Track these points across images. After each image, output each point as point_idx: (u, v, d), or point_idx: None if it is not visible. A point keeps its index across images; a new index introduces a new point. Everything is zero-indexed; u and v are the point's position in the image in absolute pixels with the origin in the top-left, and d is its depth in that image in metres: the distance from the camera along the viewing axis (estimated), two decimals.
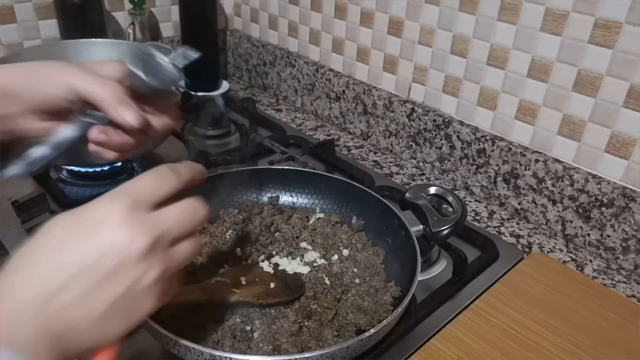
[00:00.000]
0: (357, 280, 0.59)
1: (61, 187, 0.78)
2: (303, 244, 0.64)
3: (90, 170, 0.80)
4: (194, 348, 0.43)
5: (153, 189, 0.34)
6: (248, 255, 0.62)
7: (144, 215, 0.32)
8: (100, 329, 0.31)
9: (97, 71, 0.42)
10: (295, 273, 0.60)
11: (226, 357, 0.43)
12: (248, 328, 0.51)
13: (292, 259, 0.62)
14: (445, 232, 0.60)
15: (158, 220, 0.33)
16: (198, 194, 0.39)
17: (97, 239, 0.31)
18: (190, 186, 0.37)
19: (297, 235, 0.65)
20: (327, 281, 0.58)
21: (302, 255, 0.62)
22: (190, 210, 0.35)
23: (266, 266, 0.60)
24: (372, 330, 0.47)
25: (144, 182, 0.34)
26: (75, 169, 0.80)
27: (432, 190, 0.65)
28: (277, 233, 0.65)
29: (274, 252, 0.63)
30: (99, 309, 0.31)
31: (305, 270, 0.60)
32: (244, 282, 0.55)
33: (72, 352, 0.31)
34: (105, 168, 0.80)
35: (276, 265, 0.61)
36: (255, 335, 0.51)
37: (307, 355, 0.43)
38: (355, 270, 0.60)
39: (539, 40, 0.71)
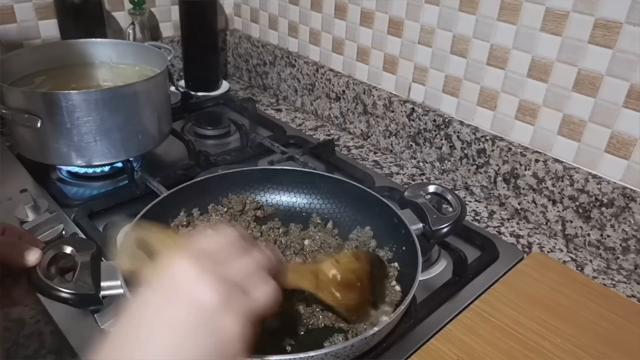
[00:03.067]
0: None
1: (61, 187, 0.78)
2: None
3: (90, 170, 0.80)
4: None
5: (217, 242, 0.37)
6: None
7: (213, 265, 0.34)
8: None
9: None
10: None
11: None
12: None
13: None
14: (445, 230, 0.60)
15: (229, 266, 0.35)
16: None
17: (174, 299, 0.33)
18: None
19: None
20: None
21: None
22: (263, 254, 0.38)
23: None
24: (376, 328, 0.47)
25: (208, 238, 0.37)
26: (75, 169, 0.80)
27: (431, 188, 0.65)
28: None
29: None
30: (194, 357, 0.32)
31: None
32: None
33: None
34: (106, 168, 0.81)
35: None
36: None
37: (311, 354, 0.43)
38: None
39: (539, 40, 0.71)
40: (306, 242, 0.63)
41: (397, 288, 0.57)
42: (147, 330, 0.32)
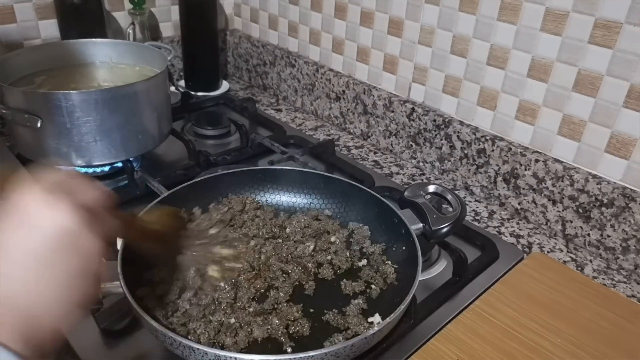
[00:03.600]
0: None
1: None
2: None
3: (90, 170, 0.80)
4: (197, 348, 0.43)
5: (57, 176, 0.37)
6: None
7: (59, 194, 0.35)
8: (63, 298, 0.34)
9: None
10: None
11: (230, 357, 0.43)
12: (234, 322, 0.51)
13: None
14: (445, 229, 0.60)
15: (75, 195, 0.36)
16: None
17: (30, 225, 0.33)
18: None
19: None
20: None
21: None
22: (99, 189, 0.39)
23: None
24: (376, 328, 0.47)
25: (49, 173, 0.38)
26: (75, 169, 0.80)
27: (431, 188, 0.65)
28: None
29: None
30: (57, 280, 0.34)
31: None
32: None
33: (43, 335, 0.33)
34: (106, 168, 0.81)
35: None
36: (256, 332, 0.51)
37: (311, 353, 0.43)
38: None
39: (539, 40, 0.71)
40: (287, 230, 0.64)
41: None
42: (3, 258, 0.33)
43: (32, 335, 0.32)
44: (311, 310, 0.55)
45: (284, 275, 0.58)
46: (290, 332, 0.52)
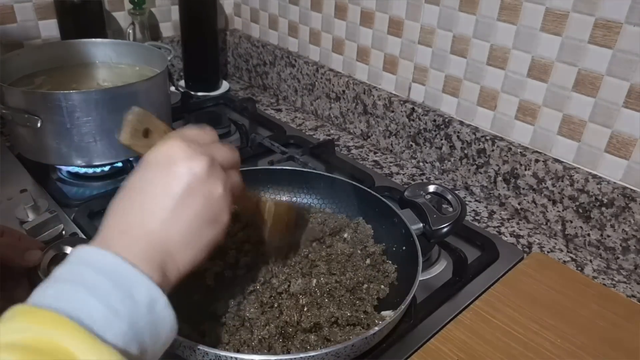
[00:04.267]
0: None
1: (61, 187, 0.78)
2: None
3: (90, 170, 0.80)
4: (198, 348, 0.43)
5: (198, 134, 0.43)
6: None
7: (198, 147, 0.40)
8: (192, 238, 0.39)
9: None
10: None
11: (231, 357, 0.43)
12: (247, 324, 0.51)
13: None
14: (445, 229, 0.60)
15: (210, 149, 0.41)
16: None
17: (171, 170, 0.39)
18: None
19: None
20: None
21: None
22: (229, 149, 0.44)
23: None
24: (377, 328, 0.47)
25: (191, 130, 0.43)
26: (75, 169, 0.80)
27: (431, 188, 0.65)
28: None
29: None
30: (189, 221, 0.38)
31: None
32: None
33: (172, 269, 0.38)
34: (106, 168, 0.81)
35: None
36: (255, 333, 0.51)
37: (312, 353, 0.43)
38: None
39: (539, 40, 0.71)
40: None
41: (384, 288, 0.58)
42: (149, 196, 0.38)
43: (165, 266, 0.37)
44: (316, 308, 0.55)
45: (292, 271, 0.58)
46: (290, 330, 0.52)
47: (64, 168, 0.81)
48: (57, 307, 0.30)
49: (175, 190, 0.38)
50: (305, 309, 0.53)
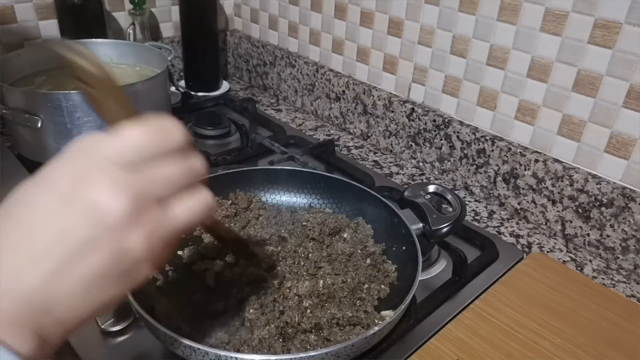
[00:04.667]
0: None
1: None
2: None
3: None
4: (198, 348, 0.43)
5: (151, 141, 0.30)
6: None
7: (122, 174, 0.29)
8: (87, 300, 0.29)
9: None
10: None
11: (231, 357, 0.43)
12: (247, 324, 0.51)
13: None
14: (445, 229, 0.60)
15: (151, 174, 0.30)
16: None
17: (77, 201, 0.28)
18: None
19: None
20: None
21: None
22: (188, 165, 0.32)
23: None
24: (377, 328, 0.47)
25: (132, 133, 0.30)
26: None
27: (431, 188, 0.65)
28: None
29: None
30: (82, 279, 0.29)
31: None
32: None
33: (55, 332, 0.29)
34: None
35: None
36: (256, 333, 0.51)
37: (312, 353, 0.43)
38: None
39: (539, 41, 0.71)
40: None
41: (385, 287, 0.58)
42: (35, 233, 0.28)
43: (42, 331, 0.28)
44: (319, 307, 0.55)
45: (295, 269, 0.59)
46: (290, 330, 0.52)
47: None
48: None
49: (73, 234, 0.28)
50: (308, 311, 0.53)
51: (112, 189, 0.29)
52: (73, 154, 0.30)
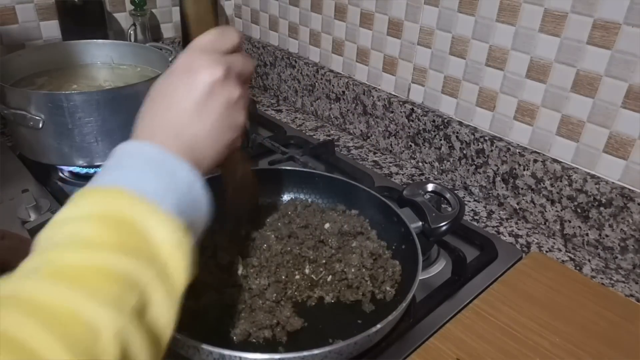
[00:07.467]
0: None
1: (62, 187, 0.78)
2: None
3: (92, 170, 0.81)
4: (202, 348, 0.43)
5: (218, 40, 0.44)
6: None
7: (215, 55, 0.43)
8: (215, 137, 0.43)
9: None
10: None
11: (235, 356, 0.43)
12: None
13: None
14: (444, 227, 0.60)
15: (227, 59, 0.44)
16: None
17: (192, 76, 0.42)
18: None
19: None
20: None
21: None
22: (245, 60, 0.46)
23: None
24: (379, 325, 0.47)
25: (209, 37, 0.44)
26: (77, 169, 0.80)
27: (430, 187, 0.66)
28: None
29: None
30: (211, 122, 0.42)
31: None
32: None
33: (201, 159, 0.41)
34: None
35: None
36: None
37: (315, 351, 0.44)
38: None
39: (538, 41, 0.71)
40: (326, 225, 0.64)
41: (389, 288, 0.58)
42: (175, 100, 0.42)
43: (196, 160, 0.40)
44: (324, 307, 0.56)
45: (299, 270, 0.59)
46: (290, 330, 0.52)
47: (66, 168, 0.81)
48: (118, 185, 0.36)
49: (198, 93, 0.41)
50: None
51: (212, 62, 0.42)
52: (181, 56, 0.44)
